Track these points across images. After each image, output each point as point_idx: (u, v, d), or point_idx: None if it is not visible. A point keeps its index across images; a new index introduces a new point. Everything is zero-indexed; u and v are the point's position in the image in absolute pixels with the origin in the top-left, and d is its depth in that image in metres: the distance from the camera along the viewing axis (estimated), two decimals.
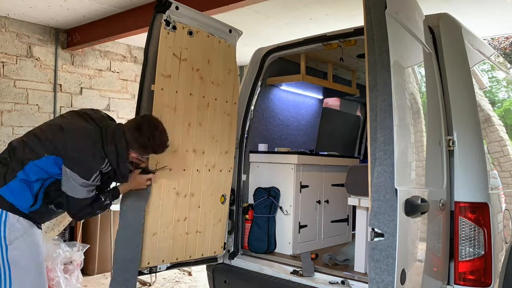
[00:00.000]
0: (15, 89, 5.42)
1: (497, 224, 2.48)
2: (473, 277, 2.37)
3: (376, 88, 2.02)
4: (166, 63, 2.78)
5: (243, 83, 3.68)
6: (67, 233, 5.15)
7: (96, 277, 5.24)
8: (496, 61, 3.42)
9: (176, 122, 2.87)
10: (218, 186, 3.20)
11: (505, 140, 2.98)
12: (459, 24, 2.73)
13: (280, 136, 4.24)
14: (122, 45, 6.51)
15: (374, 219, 1.93)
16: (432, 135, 2.37)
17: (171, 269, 3.03)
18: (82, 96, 6.07)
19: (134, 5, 4.80)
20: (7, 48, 5.37)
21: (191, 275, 5.38)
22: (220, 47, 3.15)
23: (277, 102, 4.18)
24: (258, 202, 3.63)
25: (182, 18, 2.87)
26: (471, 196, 2.41)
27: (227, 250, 3.41)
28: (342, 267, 3.18)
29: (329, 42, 3.34)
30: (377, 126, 1.99)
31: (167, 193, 2.86)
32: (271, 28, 5.39)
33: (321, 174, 3.91)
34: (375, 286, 1.88)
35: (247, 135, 3.65)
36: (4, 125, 5.34)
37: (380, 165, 1.96)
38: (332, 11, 4.76)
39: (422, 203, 1.99)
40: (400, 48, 2.12)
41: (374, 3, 2.05)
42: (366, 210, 3.05)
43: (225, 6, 4.07)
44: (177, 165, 2.90)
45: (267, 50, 3.65)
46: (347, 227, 4.25)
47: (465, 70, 2.58)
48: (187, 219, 3.00)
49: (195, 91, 2.98)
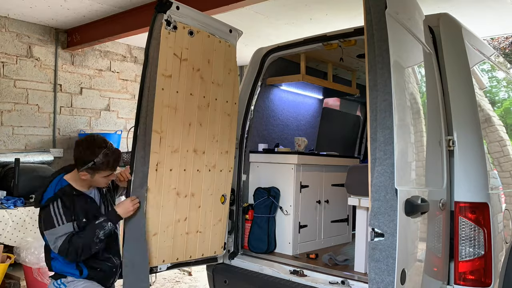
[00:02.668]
0: (15, 89, 5.43)
1: (497, 224, 2.48)
2: (473, 277, 2.37)
3: (376, 88, 2.02)
4: (167, 63, 2.78)
5: (243, 83, 3.68)
6: None
7: None
8: (496, 61, 3.42)
9: (177, 122, 2.87)
10: (219, 186, 3.20)
11: (505, 140, 2.98)
12: (459, 24, 2.73)
13: (280, 136, 4.24)
14: (122, 45, 6.51)
15: (374, 219, 1.93)
16: (432, 135, 2.37)
17: (171, 269, 3.03)
18: (82, 96, 6.07)
19: (134, 5, 4.80)
20: (7, 48, 5.37)
21: (191, 275, 5.38)
22: (220, 47, 3.15)
23: (277, 102, 4.18)
24: (258, 202, 3.63)
25: (183, 18, 2.87)
26: (471, 196, 2.41)
27: (227, 250, 3.41)
28: (342, 267, 3.18)
29: (329, 42, 3.34)
30: (377, 126, 1.99)
31: (168, 193, 2.85)
32: (271, 28, 5.39)
33: (321, 174, 3.92)
34: (375, 286, 1.88)
35: (247, 135, 3.65)
36: (4, 125, 5.34)
37: (380, 165, 1.96)
38: (332, 11, 4.76)
39: (422, 203, 1.99)
40: (400, 48, 2.12)
41: (374, 3, 2.05)
42: (366, 210, 3.05)
43: (225, 6, 4.07)
44: (178, 165, 2.90)
45: (267, 50, 3.65)
46: (347, 227, 4.25)
47: (465, 70, 2.58)
48: (188, 219, 3.00)
49: (195, 91, 2.98)
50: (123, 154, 6.00)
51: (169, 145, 2.82)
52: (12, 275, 4.47)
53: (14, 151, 5.35)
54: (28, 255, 4.16)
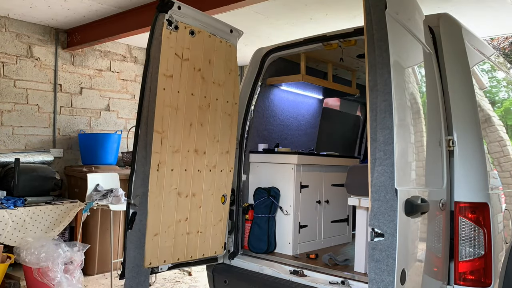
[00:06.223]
0: (15, 89, 5.43)
1: (497, 224, 2.48)
2: (473, 277, 2.37)
3: (376, 88, 2.02)
4: (168, 63, 2.79)
5: (243, 83, 3.68)
6: (67, 233, 5.15)
7: (96, 277, 5.24)
8: (496, 61, 3.42)
9: (178, 122, 2.87)
10: (219, 186, 3.20)
11: (505, 140, 2.99)
12: (459, 24, 2.73)
13: (280, 136, 4.24)
14: (122, 45, 6.51)
15: (374, 219, 1.94)
16: (432, 135, 2.38)
17: (172, 269, 3.03)
18: (82, 96, 6.07)
19: (134, 5, 4.80)
20: (7, 48, 5.37)
21: (191, 275, 5.38)
22: (221, 47, 3.16)
23: (277, 102, 4.19)
24: (258, 202, 3.63)
25: (184, 18, 2.87)
26: (471, 196, 2.41)
27: (227, 250, 3.41)
28: (342, 267, 3.19)
29: (329, 42, 3.35)
30: (377, 126, 1.99)
31: (169, 194, 2.86)
32: (271, 28, 5.40)
33: (321, 174, 3.92)
34: (375, 286, 1.89)
35: (247, 135, 3.65)
36: (4, 125, 5.34)
37: (380, 165, 1.96)
38: (332, 11, 4.77)
39: (422, 203, 1.99)
40: (400, 48, 2.12)
41: (374, 3, 2.06)
42: (366, 210, 3.06)
43: (225, 6, 4.07)
44: (179, 165, 2.90)
45: (267, 50, 3.65)
46: (347, 227, 4.25)
47: (465, 70, 2.59)
48: (188, 219, 3.00)
49: (196, 91, 2.98)
50: (123, 154, 6.01)
51: (170, 145, 2.83)
52: (12, 275, 4.47)
53: (14, 151, 5.35)
54: (28, 255, 4.16)
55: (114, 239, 5.29)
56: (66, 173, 5.67)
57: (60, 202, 4.89)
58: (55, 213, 4.71)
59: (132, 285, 2.63)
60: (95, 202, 4.89)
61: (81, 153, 5.71)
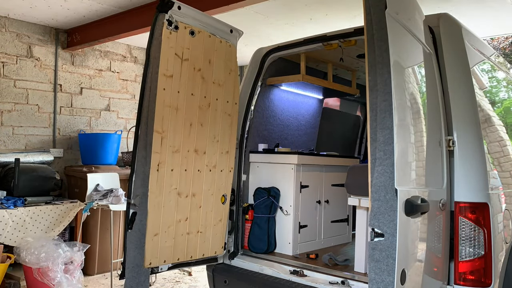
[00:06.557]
0: (15, 89, 5.43)
1: (497, 224, 2.48)
2: (473, 277, 2.37)
3: (376, 88, 2.02)
4: (168, 63, 2.79)
5: (243, 83, 3.68)
6: (67, 233, 5.15)
7: (96, 277, 5.24)
8: (496, 61, 3.42)
9: (178, 122, 2.87)
10: (219, 186, 3.20)
11: (505, 140, 2.99)
12: (459, 24, 2.73)
13: (280, 136, 4.24)
14: (122, 45, 6.51)
15: (374, 219, 1.94)
16: (432, 135, 2.38)
17: (172, 269, 3.04)
18: (82, 96, 6.07)
19: (134, 5, 4.80)
20: (7, 48, 5.37)
21: (191, 275, 5.38)
22: (221, 47, 3.16)
23: (277, 102, 4.19)
24: (258, 202, 3.64)
25: (184, 18, 2.87)
26: (471, 196, 2.41)
27: (227, 250, 3.41)
28: (342, 267, 3.19)
29: (329, 42, 3.35)
30: (377, 126, 1.99)
31: (169, 194, 2.86)
32: (271, 28, 5.40)
33: (321, 174, 3.92)
34: (375, 286, 1.89)
35: (247, 135, 3.65)
36: (4, 125, 5.34)
37: (380, 165, 1.96)
38: (332, 11, 4.77)
39: (422, 203, 1.99)
40: (400, 48, 2.12)
41: (374, 3, 2.06)
42: (366, 210, 3.06)
43: (225, 6, 4.07)
44: (179, 165, 2.90)
45: (267, 50, 3.65)
46: (347, 227, 4.25)
47: (465, 70, 2.59)
48: (188, 219, 3.00)
49: (196, 91, 2.98)
50: (123, 154, 6.01)
51: (170, 145, 2.83)
52: (12, 275, 4.47)
53: (14, 151, 5.35)
54: (28, 255, 4.17)
55: (114, 239, 5.29)
56: (66, 173, 5.67)
57: (60, 202, 4.89)
58: (55, 213, 4.71)
59: (132, 285, 2.63)
60: (95, 202, 4.89)
61: (81, 153, 5.72)
